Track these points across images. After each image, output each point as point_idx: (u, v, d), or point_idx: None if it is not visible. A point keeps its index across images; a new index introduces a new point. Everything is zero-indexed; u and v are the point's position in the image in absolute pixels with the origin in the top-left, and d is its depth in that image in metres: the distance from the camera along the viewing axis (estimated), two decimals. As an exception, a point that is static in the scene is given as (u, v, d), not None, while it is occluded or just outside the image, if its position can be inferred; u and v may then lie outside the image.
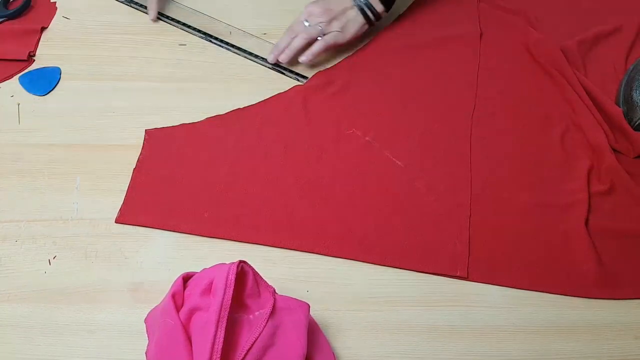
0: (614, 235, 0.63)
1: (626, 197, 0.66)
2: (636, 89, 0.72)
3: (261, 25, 0.84)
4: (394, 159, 0.69)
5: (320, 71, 0.78)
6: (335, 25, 0.73)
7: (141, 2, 0.74)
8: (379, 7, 0.76)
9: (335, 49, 0.77)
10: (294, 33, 0.74)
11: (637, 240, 0.63)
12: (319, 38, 0.73)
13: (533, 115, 0.74)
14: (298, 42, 0.73)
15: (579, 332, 0.57)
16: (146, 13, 0.81)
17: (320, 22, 0.72)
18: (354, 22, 0.75)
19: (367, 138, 0.71)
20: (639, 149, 0.69)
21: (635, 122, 0.71)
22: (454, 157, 0.69)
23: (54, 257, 0.59)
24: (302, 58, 0.74)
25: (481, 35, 0.83)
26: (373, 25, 0.78)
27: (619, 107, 0.73)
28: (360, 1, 0.74)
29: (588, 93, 0.74)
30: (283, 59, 0.74)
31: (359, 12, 0.74)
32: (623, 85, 0.75)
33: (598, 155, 0.70)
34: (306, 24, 0.73)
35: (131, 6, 0.75)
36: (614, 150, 0.70)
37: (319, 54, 0.74)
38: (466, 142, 0.71)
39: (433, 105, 0.74)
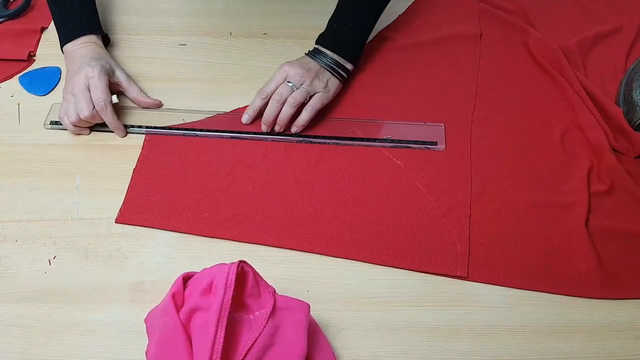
0: (614, 235, 0.63)
1: (626, 197, 0.66)
2: (636, 89, 0.72)
3: (261, 25, 0.84)
4: (394, 158, 0.69)
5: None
6: (318, 85, 0.69)
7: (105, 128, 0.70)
8: (349, 65, 0.72)
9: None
10: (281, 97, 0.67)
11: (637, 240, 0.63)
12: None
13: (533, 115, 0.74)
14: (289, 111, 0.67)
15: (579, 332, 0.57)
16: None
17: (304, 83, 0.68)
18: (332, 81, 0.71)
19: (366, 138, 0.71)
20: (639, 149, 0.69)
21: (635, 122, 0.71)
22: (454, 157, 0.69)
23: (54, 257, 0.59)
24: (294, 129, 0.69)
25: (481, 35, 0.83)
26: (345, 81, 0.74)
27: (619, 107, 0.73)
28: (330, 63, 0.71)
29: (588, 93, 0.74)
30: (278, 129, 0.69)
31: (331, 74, 0.71)
32: (623, 85, 0.75)
33: (598, 155, 0.70)
34: (290, 84, 0.68)
35: (99, 131, 0.70)
36: (614, 150, 0.70)
37: (308, 121, 0.69)
38: (466, 142, 0.71)
39: (433, 105, 0.74)
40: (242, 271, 0.46)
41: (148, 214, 0.63)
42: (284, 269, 0.59)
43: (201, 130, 0.70)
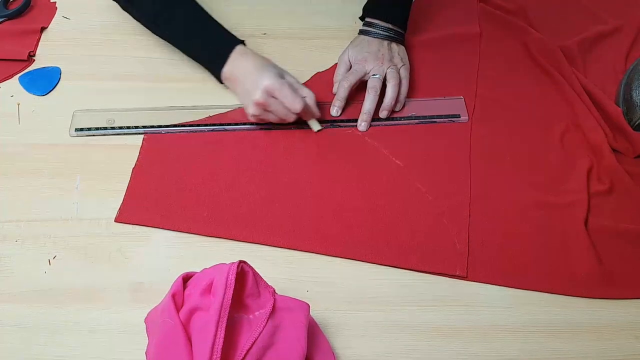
0: (614, 235, 0.63)
1: (626, 197, 0.66)
2: (636, 89, 0.72)
3: (261, 26, 0.84)
4: (393, 158, 0.69)
5: (320, 72, 0.78)
6: (396, 60, 0.73)
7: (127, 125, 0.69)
8: (402, 30, 0.76)
9: None
10: (376, 91, 0.70)
11: (637, 240, 0.63)
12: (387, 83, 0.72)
13: (533, 115, 0.74)
14: (392, 93, 0.71)
15: (579, 332, 0.57)
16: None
17: (387, 67, 0.71)
18: (401, 50, 0.75)
19: (366, 138, 0.71)
20: (638, 149, 0.69)
21: (635, 122, 0.71)
22: (454, 157, 0.69)
23: (54, 257, 0.59)
24: (399, 106, 0.73)
25: (481, 35, 0.83)
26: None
27: (619, 107, 0.73)
28: (389, 34, 0.74)
29: (588, 93, 0.74)
30: (385, 115, 0.71)
31: (390, 42, 0.74)
32: (623, 85, 0.75)
33: (598, 155, 0.70)
34: (376, 76, 0.71)
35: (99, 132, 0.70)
36: (614, 150, 0.70)
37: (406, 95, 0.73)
38: (466, 142, 0.71)
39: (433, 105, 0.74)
40: (242, 271, 0.46)
41: (147, 213, 0.63)
42: (284, 269, 0.59)
43: (199, 125, 0.70)
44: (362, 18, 0.78)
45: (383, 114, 0.71)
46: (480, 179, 0.67)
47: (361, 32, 0.76)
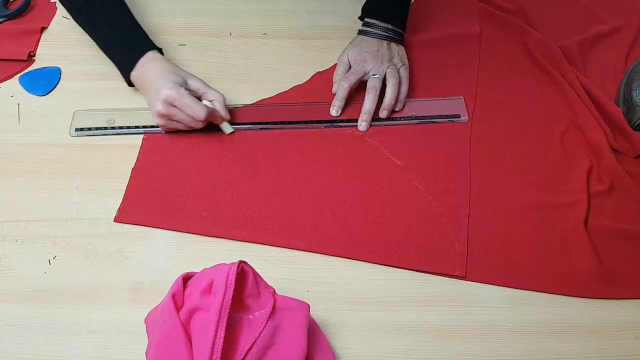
0: (614, 235, 0.63)
1: (626, 197, 0.66)
2: (636, 89, 0.72)
3: (261, 25, 0.84)
4: (393, 158, 0.69)
5: (320, 72, 0.78)
6: (396, 60, 0.73)
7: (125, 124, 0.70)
8: (401, 29, 0.76)
9: None
10: (376, 90, 0.70)
11: (637, 240, 0.63)
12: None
13: (533, 115, 0.74)
14: (394, 94, 0.71)
15: (579, 332, 0.57)
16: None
17: (386, 67, 0.71)
18: (398, 48, 0.74)
19: (366, 138, 0.71)
20: (638, 149, 0.69)
21: (635, 122, 0.71)
22: (454, 157, 0.69)
23: (54, 257, 0.59)
24: (399, 106, 0.73)
25: (481, 35, 0.83)
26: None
27: (619, 107, 0.73)
28: (387, 34, 0.74)
29: (588, 93, 0.74)
30: (385, 115, 0.71)
31: (389, 42, 0.74)
32: (623, 85, 0.75)
33: (598, 155, 0.70)
34: (376, 76, 0.71)
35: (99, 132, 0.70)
36: (614, 150, 0.70)
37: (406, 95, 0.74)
38: (466, 142, 0.71)
39: (433, 105, 0.74)
40: (242, 271, 0.47)
41: (147, 213, 0.63)
42: (284, 269, 0.59)
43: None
44: (361, 18, 0.78)
45: (383, 113, 0.71)
46: (480, 179, 0.67)
47: (360, 32, 0.76)
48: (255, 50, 0.81)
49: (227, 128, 0.70)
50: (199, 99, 0.67)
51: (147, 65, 0.68)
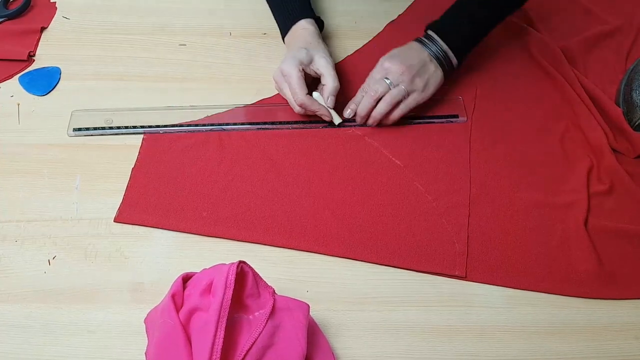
0: (614, 235, 0.63)
1: (626, 197, 0.66)
2: (636, 89, 0.72)
3: (261, 25, 0.84)
4: (393, 158, 0.69)
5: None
6: (418, 84, 0.68)
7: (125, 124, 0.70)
8: (454, 60, 0.71)
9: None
10: (375, 93, 0.67)
11: (637, 240, 0.63)
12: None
13: (533, 115, 0.74)
14: (384, 108, 0.68)
15: (579, 332, 0.57)
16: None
17: (403, 81, 0.67)
18: (434, 77, 0.70)
19: (366, 138, 0.71)
20: (638, 149, 0.69)
21: (635, 122, 0.71)
22: (454, 157, 0.69)
23: (54, 257, 0.59)
24: (370, 121, 0.69)
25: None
26: (446, 78, 0.72)
27: (619, 107, 0.73)
28: (438, 52, 0.70)
29: (588, 93, 0.74)
30: (371, 123, 0.69)
31: (437, 65, 0.70)
32: (623, 86, 0.75)
33: (598, 156, 0.70)
34: (387, 81, 0.67)
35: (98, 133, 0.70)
36: (614, 150, 0.70)
37: (398, 119, 0.70)
38: (466, 142, 0.71)
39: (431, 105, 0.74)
40: (242, 271, 0.47)
41: (146, 213, 0.63)
42: (283, 269, 0.59)
43: (197, 125, 0.70)
44: (425, 29, 0.73)
45: (357, 119, 0.70)
46: (479, 179, 0.67)
47: (417, 39, 0.72)
48: (255, 50, 0.81)
49: (335, 118, 0.70)
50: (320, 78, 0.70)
51: (295, 34, 0.73)
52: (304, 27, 0.73)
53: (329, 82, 0.68)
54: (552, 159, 0.70)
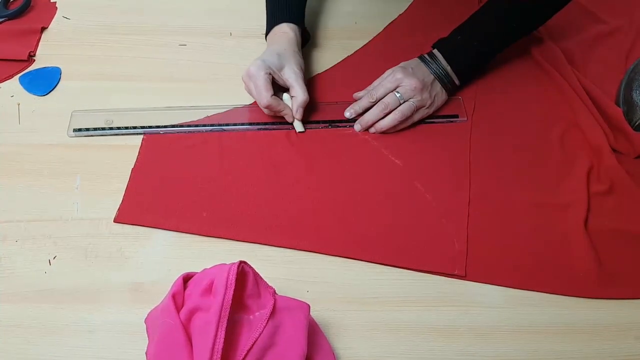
0: (614, 235, 0.63)
1: (626, 197, 0.66)
2: (636, 89, 0.72)
3: (261, 25, 0.84)
4: (393, 158, 0.69)
5: (319, 73, 0.78)
6: (426, 100, 0.70)
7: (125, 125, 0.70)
8: (457, 81, 0.72)
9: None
10: (386, 107, 0.69)
11: (637, 240, 0.63)
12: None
13: (533, 115, 0.74)
14: (390, 123, 0.69)
15: (579, 332, 0.57)
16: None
17: (414, 97, 0.68)
18: (440, 96, 0.72)
19: (366, 138, 0.71)
20: (639, 149, 0.69)
21: (635, 122, 0.71)
22: (454, 157, 0.69)
23: (54, 257, 0.59)
24: (372, 130, 0.70)
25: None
26: (450, 95, 0.74)
27: (619, 107, 0.73)
28: (440, 72, 0.71)
29: (588, 93, 0.74)
30: (372, 132, 0.70)
31: (441, 85, 0.71)
32: (623, 86, 0.75)
33: (598, 156, 0.70)
34: (397, 95, 0.68)
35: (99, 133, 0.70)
36: (614, 150, 0.70)
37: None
38: (466, 141, 0.71)
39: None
40: (242, 271, 0.47)
41: (146, 213, 0.63)
42: (284, 269, 0.59)
43: (197, 125, 0.70)
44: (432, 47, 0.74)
45: (356, 125, 0.71)
46: (479, 178, 0.67)
47: (420, 57, 0.73)
48: (255, 50, 0.81)
49: (298, 126, 0.70)
50: (288, 89, 0.70)
51: (275, 36, 0.74)
52: (284, 31, 0.73)
53: (299, 94, 0.68)
54: (552, 159, 0.70)
